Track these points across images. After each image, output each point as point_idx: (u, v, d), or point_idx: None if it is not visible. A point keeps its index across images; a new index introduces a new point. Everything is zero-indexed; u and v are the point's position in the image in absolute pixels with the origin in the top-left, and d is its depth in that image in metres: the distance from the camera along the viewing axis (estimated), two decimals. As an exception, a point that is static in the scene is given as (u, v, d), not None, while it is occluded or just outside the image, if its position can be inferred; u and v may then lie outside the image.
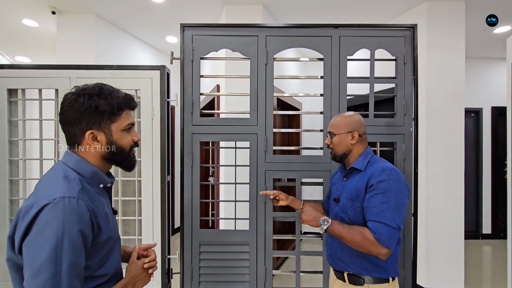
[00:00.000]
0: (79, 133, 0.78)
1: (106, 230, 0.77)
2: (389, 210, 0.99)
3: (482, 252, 3.69)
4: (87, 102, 0.75)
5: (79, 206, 0.70)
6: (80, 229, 0.69)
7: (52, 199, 0.68)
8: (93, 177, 0.80)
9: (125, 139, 0.82)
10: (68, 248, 0.66)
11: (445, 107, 2.47)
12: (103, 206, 0.79)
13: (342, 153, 1.17)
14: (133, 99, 0.85)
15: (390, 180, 1.02)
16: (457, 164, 2.50)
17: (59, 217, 0.66)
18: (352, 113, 1.19)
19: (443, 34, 2.47)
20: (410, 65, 1.59)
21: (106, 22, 2.92)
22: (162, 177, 1.60)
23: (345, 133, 1.15)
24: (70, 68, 1.59)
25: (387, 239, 0.97)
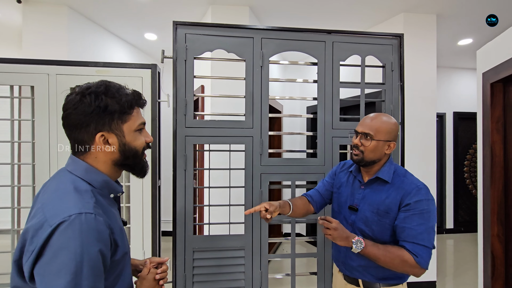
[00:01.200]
0: (87, 137, 0.69)
1: (122, 246, 0.70)
2: (427, 232, 0.97)
3: (446, 245, 4.00)
4: (94, 102, 0.68)
5: (98, 223, 0.62)
6: (100, 250, 0.61)
7: (66, 217, 0.59)
8: (104, 187, 0.72)
9: (138, 141, 0.75)
10: (88, 273, 0.58)
11: (420, 112, 2.65)
12: (117, 220, 0.73)
13: (372, 160, 1.06)
14: (142, 95, 0.78)
15: (426, 200, 0.99)
16: (430, 164, 2.68)
17: (76, 238, 0.58)
18: (394, 119, 1.09)
19: (418, 44, 2.65)
20: (397, 72, 1.67)
21: (80, 15, 2.72)
22: (153, 181, 1.52)
23: (384, 141, 1.05)
24: (48, 64, 1.45)
25: (427, 261, 0.96)
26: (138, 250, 1.51)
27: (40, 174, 1.45)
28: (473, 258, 3.51)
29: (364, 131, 1.07)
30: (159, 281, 0.82)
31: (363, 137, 1.07)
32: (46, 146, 1.45)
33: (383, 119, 1.07)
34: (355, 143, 1.09)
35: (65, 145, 1.45)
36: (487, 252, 1.81)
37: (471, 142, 4.39)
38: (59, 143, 1.46)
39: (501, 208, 1.76)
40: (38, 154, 1.45)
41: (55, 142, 1.46)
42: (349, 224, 1.12)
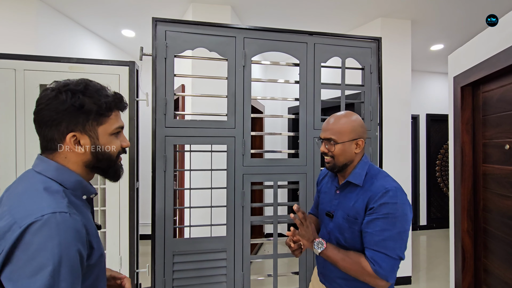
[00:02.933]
0: (58, 136, 0.65)
1: (97, 249, 0.66)
2: (391, 239, 0.86)
3: (419, 241, 4.19)
4: (70, 99, 0.64)
5: (75, 221, 0.58)
6: (78, 249, 0.58)
7: (39, 216, 0.55)
8: (77, 187, 0.68)
9: (114, 144, 0.71)
10: (67, 274, 0.55)
11: (396, 114, 2.75)
12: (91, 222, 0.69)
13: (343, 163, 1.00)
14: (123, 98, 0.74)
15: (393, 204, 0.88)
16: (405, 163, 2.79)
17: (53, 237, 0.54)
18: (355, 115, 1.01)
19: (393, 48, 2.75)
20: (375, 75, 1.72)
21: (50, 8, 2.56)
22: (131, 183, 1.46)
23: (349, 141, 0.98)
24: (15, 58, 1.35)
25: (386, 272, 0.86)
26: (115, 255, 1.44)
27: (4, 176, 1.34)
28: (445, 252, 3.69)
29: (326, 136, 1.01)
30: None
31: (327, 143, 1.01)
32: (12, 147, 1.35)
33: (342, 120, 1.00)
34: (322, 150, 1.04)
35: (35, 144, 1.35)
36: (458, 246, 1.91)
37: (442, 143, 4.64)
38: (27, 143, 1.36)
39: (470, 205, 1.87)
40: (3, 155, 1.34)
41: (23, 142, 1.36)
42: (327, 232, 1.05)
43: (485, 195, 1.76)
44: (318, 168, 1.64)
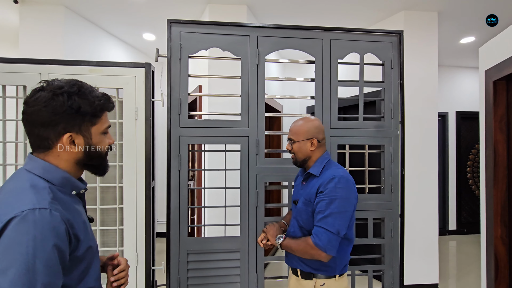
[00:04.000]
0: (53, 136, 0.67)
1: (85, 241, 0.69)
2: (330, 216, 1.03)
3: (449, 247, 3.94)
4: (67, 101, 0.66)
5: (53, 218, 0.60)
6: (55, 244, 0.59)
7: (19, 212, 0.58)
8: (65, 184, 0.70)
9: (103, 143, 0.75)
10: (42, 269, 0.57)
11: (420, 112, 2.60)
12: (80, 215, 0.71)
13: (302, 159, 1.20)
14: (111, 99, 0.77)
15: (337, 188, 1.05)
16: (431, 165, 2.64)
17: (29, 233, 0.57)
18: (311, 119, 1.21)
19: (418, 42, 2.60)
20: (397, 70, 1.63)
21: (77, 15, 2.70)
22: (147, 182, 1.49)
23: (304, 140, 1.17)
24: (41, 63, 1.43)
25: (324, 244, 1.02)
26: (132, 252, 1.48)
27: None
28: (476, 260, 3.45)
29: (288, 136, 1.22)
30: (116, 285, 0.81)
31: (289, 142, 1.22)
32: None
33: (299, 122, 1.20)
34: (287, 148, 1.24)
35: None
36: (490, 254, 1.77)
37: (474, 142, 4.33)
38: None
39: (504, 210, 1.72)
40: (30, 154, 1.42)
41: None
42: (294, 217, 1.22)
43: (521, 199, 1.61)
44: (335, 169, 1.59)
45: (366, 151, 1.74)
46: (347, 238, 1.12)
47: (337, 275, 1.13)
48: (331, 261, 1.10)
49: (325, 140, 1.21)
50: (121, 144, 1.49)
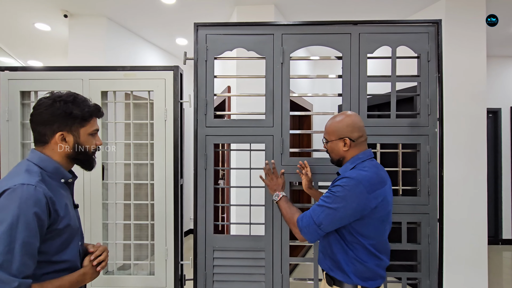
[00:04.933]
0: (49, 133, 0.86)
1: (65, 218, 0.84)
2: (321, 208, 1.03)
3: (502, 258, 3.54)
4: (63, 107, 0.85)
5: (36, 192, 0.77)
6: (35, 212, 0.75)
7: (12, 185, 0.76)
8: (55, 172, 0.88)
9: (90, 142, 0.93)
10: (22, 228, 0.73)
11: (465, 107, 2.37)
12: (63, 198, 0.87)
13: (337, 159, 1.16)
14: (101, 109, 0.97)
15: (341, 187, 1.02)
16: (479, 168, 2.39)
17: (16, 201, 0.74)
18: (343, 116, 1.13)
19: (463, 32, 2.38)
20: (434, 63, 1.51)
21: (117, 25, 2.92)
22: (175, 180, 1.56)
23: (336, 140, 1.12)
24: (82, 70, 1.56)
25: (303, 225, 1.05)
26: (161, 246, 1.56)
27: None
28: (536, 274, 3.05)
29: (323, 136, 1.20)
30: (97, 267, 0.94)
31: (324, 141, 1.20)
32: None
33: (331, 120, 1.15)
34: (324, 147, 1.22)
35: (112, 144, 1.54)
36: (550, 268, 1.55)
37: (534, 141, 3.84)
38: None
39: None
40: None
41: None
42: None
43: None
44: (364, 169, 1.51)
45: (400, 150, 1.64)
46: (365, 247, 1.04)
47: (359, 286, 1.05)
48: (344, 265, 1.05)
49: (363, 138, 1.12)
50: (152, 143, 1.57)
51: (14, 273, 0.71)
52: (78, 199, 1.56)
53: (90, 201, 1.56)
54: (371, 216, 1.02)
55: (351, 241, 1.05)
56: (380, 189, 1.04)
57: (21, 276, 0.72)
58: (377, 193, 1.02)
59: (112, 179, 1.66)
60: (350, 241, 1.05)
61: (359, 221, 1.02)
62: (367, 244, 1.04)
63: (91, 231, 1.56)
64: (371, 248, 1.04)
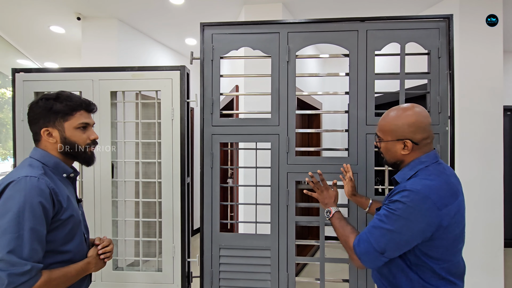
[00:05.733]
0: (38, 130, 0.92)
1: (68, 209, 0.88)
2: (380, 230, 0.86)
3: (520, 262, 3.40)
4: (44, 104, 0.90)
5: (40, 183, 0.81)
6: (40, 201, 0.79)
7: (16, 178, 0.81)
8: (56, 167, 0.92)
9: (78, 136, 0.94)
10: (29, 215, 0.77)
11: (480, 105, 2.29)
12: (65, 190, 0.91)
13: (393, 162, 0.99)
14: (89, 103, 0.98)
15: (401, 203, 0.84)
16: (495, 167, 2.30)
17: (21, 190, 0.78)
18: (405, 112, 0.93)
19: (478, 27, 2.29)
20: (445, 59, 1.46)
21: (128, 26, 2.98)
22: (182, 178, 1.58)
23: (393, 141, 0.93)
24: (92, 71, 1.61)
25: (361, 253, 0.90)
26: (169, 243, 1.58)
27: (84, 170, 1.61)
28: (557, 279, 2.91)
29: (376, 132, 1.03)
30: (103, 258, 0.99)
31: (376, 138, 1.03)
32: (90, 145, 1.61)
33: (389, 115, 0.97)
34: (375, 144, 1.09)
35: (104, 146, 1.58)
36: None
37: (556, 140, 3.66)
38: (102, 144, 1.59)
39: None
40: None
41: (101, 142, 1.60)
42: None
43: None
44: (371, 167, 1.49)
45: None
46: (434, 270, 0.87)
47: None
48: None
49: (429, 139, 0.93)
50: (160, 142, 1.60)
51: (25, 258, 0.75)
52: (89, 197, 1.60)
53: (100, 198, 1.60)
54: (443, 236, 0.84)
55: (417, 264, 0.88)
56: (453, 202, 0.85)
57: (31, 261, 0.76)
58: (450, 209, 0.84)
59: (122, 177, 1.70)
60: (415, 263, 0.88)
61: (427, 242, 0.85)
62: (437, 268, 0.87)
63: (101, 227, 1.61)
64: (441, 272, 0.87)
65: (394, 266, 0.92)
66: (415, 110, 0.93)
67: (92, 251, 0.99)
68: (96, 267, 0.97)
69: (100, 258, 0.99)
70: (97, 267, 0.98)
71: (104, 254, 1.00)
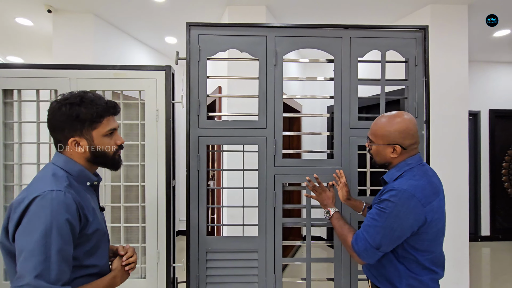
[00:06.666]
0: (63, 139, 0.85)
1: (94, 223, 0.84)
2: (374, 228, 0.96)
3: (481, 254, 3.70)
4: (69, 111, 0.82)
5: (66, 198, 0.76)
6: (67, 219, 0.75)
7: (41, 192, 0.75)
8: (80, 175, 0.86)
9: (107, 144, 0.89)
10: (56, 235, 0.72)
11: (449, 110, 2.47)
12: (90, 202, 0.86)
13: (381, 163, 1.08)
14: (115, 105, 0.90)
15: (389, 202, 0.93)
16: (462, 168, 2.49)
17: (47, 207, 0.73)
18: (396, 119, 1.01)
19: (447, 37, 2.47)
20: (421, 67, 1.56)
21: (105, 22, 2.84)
22: (167, 181, 1.53)
23: (384, 145, 1.02)
24: (70, 68, 1.51)
25: (360, 250, 0.99)
26: (153, 249, 1.53)
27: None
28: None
29: (368, 135, 1.11)
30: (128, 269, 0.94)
31: (368, 141, 1.11)
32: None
33: (382, 121, 1.04)
34: (366, 146, 1.15)
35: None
36: (527, 264, 1.64)
37: (510, 142, 4.04)
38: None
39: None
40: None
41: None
42: None
43: None
44: (355, 169, 1.55)
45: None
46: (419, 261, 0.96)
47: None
48: (395, 279, 0.98)
49: (416, 144, 1.02)
50: (143, 144, 1.54)
51: (53, 281, 0.71)
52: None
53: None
54: (427, 230, 0.93)
55: (404, 256, 0.97)
56: (436, 200, 0.95)
57: (59, 284, 0.72)
58: (433, 205, 0.93)
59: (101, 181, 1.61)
60: (402, 256, 0.97)
61: (414, 236, 0.94)
62: (423, 259, 0.96)
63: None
64: (425, 263, 0.96)
65: (384, 258, 1.01)
66: (406, 117, 1.02)
67: (117, 263, 0.93)
68: (122, 279, 0.93)
69: (125, 269, 0.94)
70: (123, 279, 0.93)
71: (128, 266, 0.95)
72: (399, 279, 0.98)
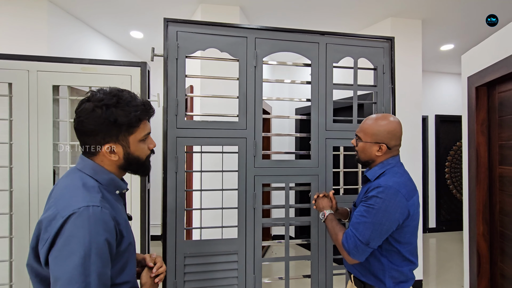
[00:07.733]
0: (95, 143, 0.76)
1: (127, 237, 0.77)
2: (364, 224, 1.00)
3: (429, 244, 4.12)
4: (105, 114, 0.73)
5: (103, 214, 0.68)
6: (106, 238, 0.67)
7: (76, 209, 0.66)
8: (110, 183, 0.78)
9: (142, 149, 0.81)
10: (95, 259, 0.65)
11: (407, 115, 2.71)
12: (122, 213, 0.79)
13: (365, 160, 1.14)
14: (151, 107, 0.82)
15: (377, 198, 0.99)
16: (416, 167, 2.75)
17: (85, 227, 0.65)
18: (386, 121, 1.08)
19: (405, 48, 2.71)
20: (388, 75, 1.69)
21: (61, 10, 2.59)
22: (142, 185, 1.45)
23: (371, 143, 1.09)
24: (29, 60, 1.35)
25: (350, 248, 1.02)
26: (126, 257, 1.43)
27: (18, 176, 1.35)
28: (456, 256, 3.63)
29: (356, 132, 1.17)
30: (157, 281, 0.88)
31: (356, 138, 1.17)
32: (25, 147, 1.35)
33: (374, 121, 1.11)
34: (352, 143, 1.21)
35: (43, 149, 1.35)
36: (473, 250, 1.87)
37: (452, 144, 4.57)
38: (40, 143, 1.36)
39: (486, 208, 1.82)
40: (17, 155, 1.35)
41: (35, 142, 1.36)
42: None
43: (501, 197, 1.72)
44: (331, 170, 1.62)
45: (359, 152, 1.79)
46: (400, 253, 1.03)
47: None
48: (379, 272, 1.05)
49: (398, 146, 1.11)
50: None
51: None
52: (21, 210, 1.34)
53: (38, 212, 1.36)
54: (409, 223, 1.01)
55: (387, 249, 1.04)
56: (416, 195, 1.04)
57: None
58: (414, 200, 1.02)
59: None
60: (386, 249, 1.04)
61: (398, 230, 1.01)
62: (404, 251, 1.03)
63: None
64: (405, 254, 1.04)
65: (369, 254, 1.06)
66: (394, 120, 1.10)
67: (146, 275, 0.86)
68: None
69: (154, 281, 0.87)
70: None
71: (158, 277, 0.88)
72: (383, 272, 1.05)
